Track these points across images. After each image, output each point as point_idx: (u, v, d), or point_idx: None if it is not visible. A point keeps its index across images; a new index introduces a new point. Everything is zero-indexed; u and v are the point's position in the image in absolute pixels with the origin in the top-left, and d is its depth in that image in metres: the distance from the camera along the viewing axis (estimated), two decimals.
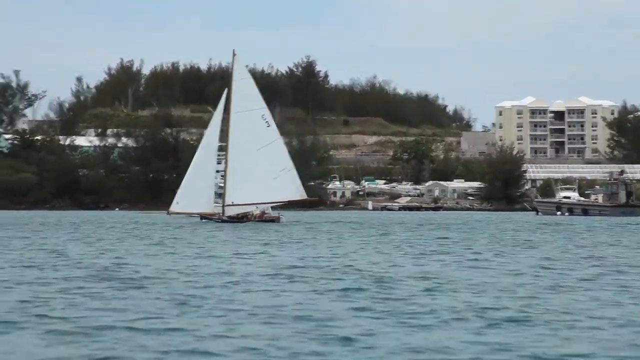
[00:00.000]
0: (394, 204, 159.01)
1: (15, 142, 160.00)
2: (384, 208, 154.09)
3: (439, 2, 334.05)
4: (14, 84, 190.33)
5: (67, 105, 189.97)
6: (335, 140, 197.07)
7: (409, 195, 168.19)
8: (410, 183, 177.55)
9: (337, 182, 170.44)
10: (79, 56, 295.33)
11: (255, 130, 73.05)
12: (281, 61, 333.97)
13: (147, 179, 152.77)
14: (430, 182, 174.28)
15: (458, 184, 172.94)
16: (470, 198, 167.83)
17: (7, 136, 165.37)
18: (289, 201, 76.11)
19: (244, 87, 74.49)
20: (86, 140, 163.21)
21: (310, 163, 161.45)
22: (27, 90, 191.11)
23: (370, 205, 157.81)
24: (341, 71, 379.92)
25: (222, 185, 76.82)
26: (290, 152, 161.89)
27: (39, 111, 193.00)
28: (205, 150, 75.31)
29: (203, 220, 72.51)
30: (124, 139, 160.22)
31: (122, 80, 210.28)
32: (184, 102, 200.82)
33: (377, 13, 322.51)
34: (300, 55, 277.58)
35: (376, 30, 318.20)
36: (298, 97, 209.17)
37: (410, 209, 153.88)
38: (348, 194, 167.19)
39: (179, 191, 74.43)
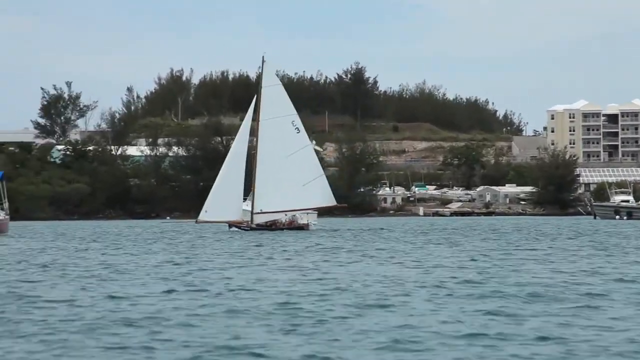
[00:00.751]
0: (445, 210, 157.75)
1: (68, 152, 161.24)
2: (436, 214, 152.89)
3: (487, 8, 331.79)
4: (66, 95, 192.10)
5: (118, 115, 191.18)
6: (385, 147, 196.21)
7: (460, 201, 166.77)
8: (461, 188, 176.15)
9: (387, 189, 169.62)
10: (129, 66, 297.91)
11: (285, 137, 72.57)
12: (330, 68, 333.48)
13: (198, 187, 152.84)
14: (481, 187, 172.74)
15: (510, 188, 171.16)
16: (523, 203, 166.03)
17: (59, 147, 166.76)
18: (318, 208, 75.61)
19: (273, 93, 73.73)
20: (137, 150, 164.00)
21: (359, 170, 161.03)
22: (78, 101, 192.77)
23: (421, 211, 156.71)
24: (390, 77, 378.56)
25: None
26: (340, 158, 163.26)
27: (91, 122, 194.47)
28: (234, 158, 74.34)
29: (231, 229, 71.85)
30: (174, 148, 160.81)
31: (172, 90, 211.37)
32: (233, 111, 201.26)
33: (425, 19, 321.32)
34: (349, 62, 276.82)
35: (424, 36, 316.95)
36: (347, 103, 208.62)
37: (462, 214, 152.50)
38: (399, 200, 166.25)
39: (208, 200, 73.74)
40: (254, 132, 75.45)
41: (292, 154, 72.28)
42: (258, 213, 72.32)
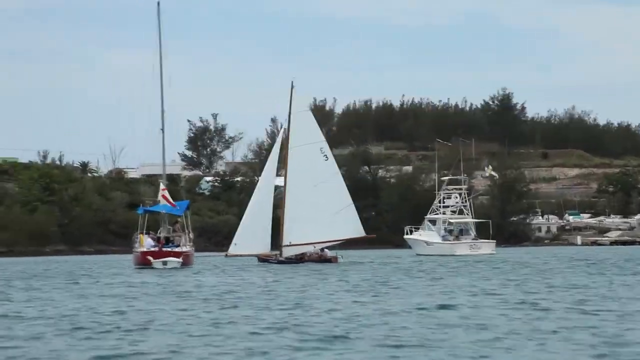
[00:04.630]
0: (604, 239, 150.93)
1: (216, 184, 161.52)
2: (594, 243, 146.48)
3: (632, 30, 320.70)
4: (212, 127, 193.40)
5: (265, 145, 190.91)
6: (534, 174, 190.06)
7: (619, 229, 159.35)
8: (619, 216, 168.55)
9: (540, 217, 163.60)
10: (272, 97, 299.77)
11: (313, 165, 69.46)
12: (476, 95, 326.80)
13: None
14: None
15: None
16: None
17: (207, 179, 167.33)
18: (346, 239, 71.17)
19: (301, 120, 70.95)
20: (281, 180, 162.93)
21: (510, 198, 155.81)
22: (224, 133, 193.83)
23: (579, 240, 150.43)
24: (537, 103, 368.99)
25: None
26: (492, 186, 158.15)
27: (237, 153, 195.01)
28: (262, 189, 72.09)
29: (260, 262, 68.68)
30: None
31: (316, 120, 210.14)
32: (377, 140, 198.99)
33: (567, 45, 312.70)
34: (495, 88, 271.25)
35: (572, 64, 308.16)
36: (494, 130, 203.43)
37: (624, 243, 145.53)
38: (553, 229, 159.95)
39: (237, 232, 71.21)
40: (282, 161, 72.65)
41: (321, 183, 69.08)
42: (287, 246, 69.15)
